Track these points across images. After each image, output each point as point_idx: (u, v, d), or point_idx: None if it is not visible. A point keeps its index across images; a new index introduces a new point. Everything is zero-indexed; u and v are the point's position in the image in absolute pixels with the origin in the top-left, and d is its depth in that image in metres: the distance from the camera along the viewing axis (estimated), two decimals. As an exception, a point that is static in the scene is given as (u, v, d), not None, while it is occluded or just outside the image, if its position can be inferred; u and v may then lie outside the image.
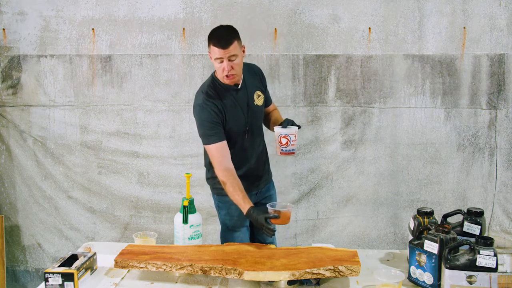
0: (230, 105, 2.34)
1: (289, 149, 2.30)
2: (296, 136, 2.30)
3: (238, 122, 2.36)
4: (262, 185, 2.56)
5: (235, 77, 2.28)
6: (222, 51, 2.19)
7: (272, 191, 2.65)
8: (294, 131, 2.29)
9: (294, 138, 2.29)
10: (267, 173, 2.59)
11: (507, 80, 3.14)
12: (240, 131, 2.38)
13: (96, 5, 3.14)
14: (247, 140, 2.41)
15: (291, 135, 2.28)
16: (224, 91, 2.33)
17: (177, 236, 2.24)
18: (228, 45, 2.19)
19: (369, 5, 3.11)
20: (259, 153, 2.49)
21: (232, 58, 2.21)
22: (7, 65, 3.20)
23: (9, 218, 3.31)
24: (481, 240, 1.69)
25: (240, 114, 2.36)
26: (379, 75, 3.17)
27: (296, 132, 2.30)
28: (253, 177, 2.50)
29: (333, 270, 1.75)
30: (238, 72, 2.28)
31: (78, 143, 3.25)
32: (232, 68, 2.23)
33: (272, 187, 2.66)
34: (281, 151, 2.31)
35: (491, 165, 3.21)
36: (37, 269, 3.34)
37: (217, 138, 2.28)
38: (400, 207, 3.26)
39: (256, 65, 2.56)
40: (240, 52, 2.25)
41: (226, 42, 2.19)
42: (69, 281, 1.81)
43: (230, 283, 1.89)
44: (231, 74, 2.25)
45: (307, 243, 3.24)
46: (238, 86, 2.35)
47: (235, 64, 2.23)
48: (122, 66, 3.19)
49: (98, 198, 3.29)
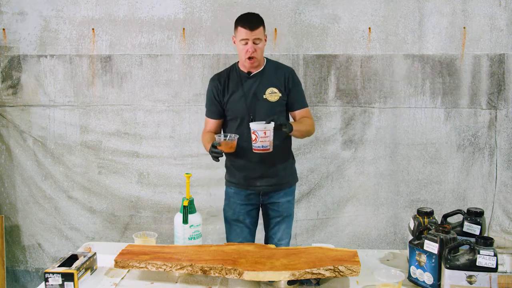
0: (235, 90, 2.46)
1: (258, 146, 2.26)
2: (267, 133, 2.24)
3: (239, 108, 2.46)
4: (267, 189, 2.52)
5: (255, 61, 2.41)
6: (249, 33, 2.34)
7: (283, 199, 2.56)
8: (262, 127, 2.24)
9: (263, 134, 2.24)
10: (274, 175, 2.51)
11: (507, 80, 3.14)
12: (242, 117, 2.46)
13: (96, 5, 3.14)
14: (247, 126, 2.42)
15: (259, 131, 2.24)
16: (236, 76, 2.48)
17: (177, 236, 2.24)
18: (256, 28, 2.35)
19: (369, 5, 3.11)
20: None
21: (256, 41, 2.36)
22: (7, 65, 3.20)
23: (9, 218, 3.31)
24: (481, 240, 1.69)
25: (242, 101, 2.45)
26: (379, 75, 3.17)
27: (266, 129, 2.24)
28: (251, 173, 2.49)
29: (333, 270, 1.75)
30: (259, 57, 2.41)
31: (78, 143, 3.25)
32: (255, 51, 2.36)
33: (285, 195, 2.57)
34: (252, 146, 2.30)
35: (491, 165, 3.21)
36: (37, 269, 3.34)
37: (208, 113, 2.55)
38: (400, 207, 3.26)
39: (289, 68, 2.59)
40: (263, 39, 2.41)
41: (254, 25, 2.36)
42: (69, 281, 1.81)
43: (230, 283, 1.89)
44: (253, 56, 2.37)
45: (307, 243, 3.24)
46: (251, 74, 2.46)
47: (258, 48, 2.38)
48: (122, 66, 3.19)
49: (98, 198, 3.29)
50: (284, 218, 2.59)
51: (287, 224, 2.61)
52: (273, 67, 2.51)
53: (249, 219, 2.58)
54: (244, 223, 2.57)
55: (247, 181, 2.52)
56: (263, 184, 2.52)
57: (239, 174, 2.53)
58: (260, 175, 2.50)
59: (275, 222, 2.59)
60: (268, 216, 2.62)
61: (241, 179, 2.53)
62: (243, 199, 2.56)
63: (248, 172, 2.51)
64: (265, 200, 2.57)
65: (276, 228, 2.60)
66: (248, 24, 2.35)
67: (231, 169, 2.58)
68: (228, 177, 2.62)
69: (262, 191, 2.54)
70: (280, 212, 2.58)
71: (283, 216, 2.59)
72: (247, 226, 2.58)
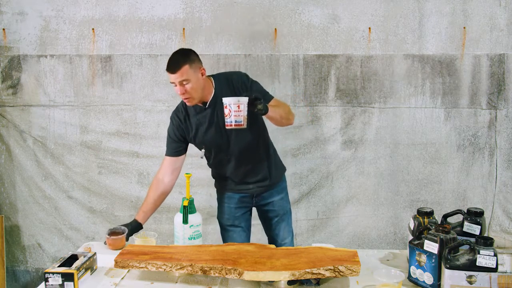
0: (198, 124, 2.37)
1: (230, 121, 2.08)
2: (240, 107, 2.07)
3: (211, 140, 2.38)
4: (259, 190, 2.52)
5: (192, 100, 2.27)
6: (171, 76, 2.22)
7: (276, 197, 2.56)
8: (235, 100, 2.07)
9: (236, 108, 2.07)
10: (264, 178, 2.51)
11: (507, 80, 3.14)
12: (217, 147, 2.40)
13: (96, 5, 3.14)
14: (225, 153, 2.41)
15: (233, 104, 2.07)
16: (193, 110, 2.37)
17: (177, 236, 2.24)
18: (176, 70, 2.19)
19: (369, 5, 3.11)
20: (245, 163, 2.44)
21: (184, 83, 2.21)
22: (7, 65, 3.20)
23: (9, 218, 3.31)
24: (481, 240, 1.69)
25: (210, 133, 2.36)
26: (379, 75, 3.17)
27: (240, 102, 2.07)
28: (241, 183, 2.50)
29: (333, 270, 1.75)
30: (194, 95, 2.26)
31: (78, 143, 3.25)
32: (185, 92, 2.23)
33: (277, 193, 2.57)
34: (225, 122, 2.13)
35: (491, 165, 3.21)
36: (37, 269, 3.35)
37: (168, 151, 2.46)
38: (400, 207, 3.26)
39: (239, 72, 2.47)
40: (194, 76, 2.23)
41: (174, 67, 2.20)
42: (69, 281, 1.81)
43: (230, 283, 1.89)
44: (186, 97, 2.25)
45: (307, 243, 3.24)
46: (206, 105, 2.34)
47: (188, 88, 2.22)
48: (122, 66, 3.19)
49: (98, 198, 3.29)
50: (282, 216, 2.58)
51: (286, 222, 2.61)
52: (225, 83, 2.36)
53: (244, 223, 2.57)
54: (240, 227, 2.55)
55: (238, 185, 2.51)
56: (256, 186, 2.51)
57: (230, 182, 2.52)
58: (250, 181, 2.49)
59: (275, 222, 2.58)
60: (266, 218, 2.60)
61: (232, 185, 2.52)
62: (236, 202, 2.54)
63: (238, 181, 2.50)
64: (258, 202, 2.55)
65: (277, 228, 2.59)
66: (168, 68, 2.23)
67: (220, 179, 2.57)
68: (218, 185, 2.60)
69: (255, 193, 2.53)
70: (276, 212, 2.57)
71: (280, 215, 2.58)
72: (244, 230, 2.57)
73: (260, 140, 2.48)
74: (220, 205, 2.59)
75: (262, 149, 2.49)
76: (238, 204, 2.54)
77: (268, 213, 2.58)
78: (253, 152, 2.44)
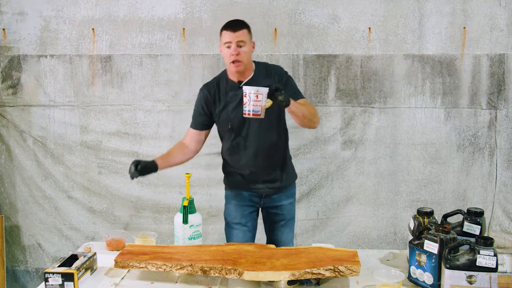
0: (227, 101, 2.38)
1: (248, 109, 2.05)
2: (259, 97, 2.04)
3: (233, 120, 2.38)
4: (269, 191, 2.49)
5: (240, 65, 2.30)
6: (232, 35, 2.27)
7: (285, 201, 2.54)
8: (255, 90, 2.05)
9: (255, 98, 2.04)
10: (275, 178, 2.49)
11: (507, 80, 3.14)
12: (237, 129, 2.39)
13: (96, 5, 3.14)
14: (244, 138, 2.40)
15: (252, 94, 2.04)
16: (226, 86, 2.40)
17: (177, 236, 2.24)
18: (238, 30, 2.28)
19: (369, 5, 3.11)
20: (260, 153, 2.42)
21: (240, 44, 2.28)
22: (7, 65, 3.20)
23: (9, 218, 3.31)
24: (481, 240, 1.69)
25: (236, 112, 2.35)
26: (379, 75, 3.17)
27: (259, 92, 2.04)
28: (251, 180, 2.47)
29: (333, 270, 1.75)
30: (245, 60, 2.31)
31: (78, 143, 3.25)
32: (238, 54, 2.27)
33: (287, 198, 2.55)
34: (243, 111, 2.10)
35: (491, 165, 3.21)
36: (37, 269, 3.34)
37: (193, 124, 2.48)
38: (400, 207, 3.26)
39: (279, 67, 2.50)
40: (249, 42, 2.33)
41: (236, 27, 2.28)
42: (69, 281, 1.81)
43: (230, 283, 1.89)
44: (237, 60, 2.28)
45: (307, 243, 3.24)
46: (241, 84, 2.34)
47: (242, 51, 2.28)
48: (122, 66, 3.19)
49: (98, 198, 3.29)
50: (287, 221, 2.56)
51: (290, 227, 2.59)
52: (263, 70, 2.41)
53: (250, 222, 2.53)
54: (246, 226, 2.51)
55: (248, 183, 2.49)
56: (265, 187, 2.49)
57: (240, 179, 2.50)
58: (261, 179, 2.47)
59: (279, 227, 2.55)
60: (271, 221, 2.57)
61: (242, 182, 2.50)
62: (245, 200, 2.51)
63: (249, 177, 2.47)
64: (266, 203, 2.53)
65: (280, 232, 2.56)
66: (230, 26, 2.30)
67: (231, 174, 2.54)
68: (227, 181, 2.58)
69: (265, 193, 2.51)
70: (283, 216, 2.54)
71: (286, 220, 2.55)
72: (249, 230, 2.53)
73: (279, 140, 2.47)
74: (229, 202, 2.56)
75: (279, 149, 2.48)
76: (247, 202, 2.52)
77: (274, 216, 2.55)
78: (270, 147, 2.43)
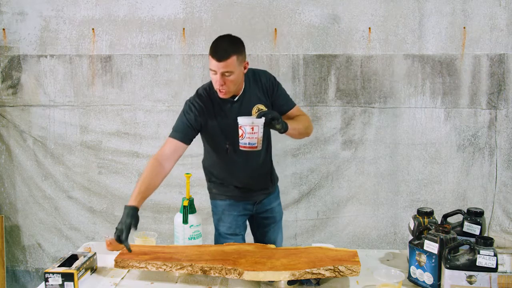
0: (220, 116, 2.22)
1: (244, 142, 1.99)
2: (254, 129, 1.97)
3: (228, 135, 2.23)
4: (261, 197, 2.47)
5: (226, 94, 2.14)
6: (217, 64, 2.05)
7: (274, 203, 2.53)
8: (250, 122, 1.97)
9: (250, 130, 1.97)
10: (267, 186, 2.48)
11: (507, 80, 3.14)
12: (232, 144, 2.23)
13: (96, 5, 3.14)
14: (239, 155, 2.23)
15: (246, 126, 1.97)
16: (218, 99, 2.22)
17: (177, 236, 2.24)
18: (223, 59, 2.04)
19: (369, 5, 3.11)
20: (254, 167, 2.36)
21: (226, 74, 2.07)
22: (7, 65, 3.20)
23: (9, 218, 3.31)
24: (481, 240, 1.69)
25: (230, 128, 2.18)
26: (379, 75, 3.17)
27: (254, 124, 1.97)
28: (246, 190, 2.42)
29: (333, 270, 1.75)
30: (231, 89, 2.14)
31: (78, 143, 3.25)
32: (224, 84, 2.09)
33: (275, 199, 2.54)
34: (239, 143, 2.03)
35: (491, 165, 3.21)
36: (37, 269, 3.34)
37: (176, 135, 2.20)
38: (400, 207, 3.26)
39: (267, 72, 2.35)
40: (238, 69, 2.09)
41: (222, 55, 2.04)
42: (69, 281, 1.81)
43: (230, 283, 1.89)
44: (222, 90, 2.11)
45: (307, 243, 3.24)
46: (235, 99, 2.22)
47: (228, 80, 2.08)
48: (122, 66, 3.19)
49: (98, 198, 3.29)
50: (278, 222, 2.56)
51: (280, 227, 2.59)
52: (252, 80, 2.26)
53: (243, 230, 2.49)
54: (240, 235, 2.45)
55: (242, 193, 2.41)
56: (258, 194, 2.45)
57: (234, 189, 2.41)
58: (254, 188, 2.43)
59: (271, 228, 2.54)
60: (262, 225, 2.53)
61: (236, 192, 2.41)
62: (239, 209, 2.43)
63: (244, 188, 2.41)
64: (258, 209, 2.49)
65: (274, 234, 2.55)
66: (216, 54, 2.05)
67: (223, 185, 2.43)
68: (218, 191, 2.45)
69: (258, 200, 2.47)
70: (274, 218, 2.53)
71: (277, 221, 2.55)
72: (243, 238, 2.48)
73: (268, 147, 2.44)
74: (221, 213, 2.44)
75: (268, 156, 2.46)
76: (241, 212, 2.44)
77: (266, 220, 2.52)
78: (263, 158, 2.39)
